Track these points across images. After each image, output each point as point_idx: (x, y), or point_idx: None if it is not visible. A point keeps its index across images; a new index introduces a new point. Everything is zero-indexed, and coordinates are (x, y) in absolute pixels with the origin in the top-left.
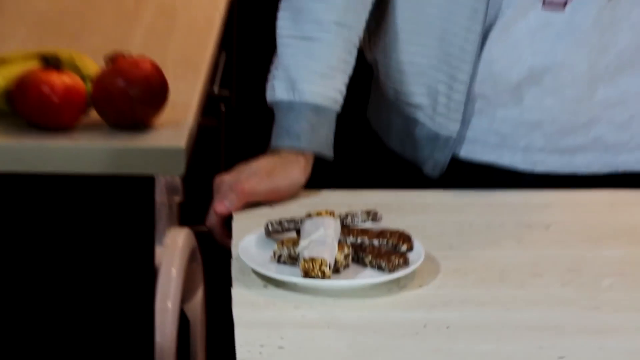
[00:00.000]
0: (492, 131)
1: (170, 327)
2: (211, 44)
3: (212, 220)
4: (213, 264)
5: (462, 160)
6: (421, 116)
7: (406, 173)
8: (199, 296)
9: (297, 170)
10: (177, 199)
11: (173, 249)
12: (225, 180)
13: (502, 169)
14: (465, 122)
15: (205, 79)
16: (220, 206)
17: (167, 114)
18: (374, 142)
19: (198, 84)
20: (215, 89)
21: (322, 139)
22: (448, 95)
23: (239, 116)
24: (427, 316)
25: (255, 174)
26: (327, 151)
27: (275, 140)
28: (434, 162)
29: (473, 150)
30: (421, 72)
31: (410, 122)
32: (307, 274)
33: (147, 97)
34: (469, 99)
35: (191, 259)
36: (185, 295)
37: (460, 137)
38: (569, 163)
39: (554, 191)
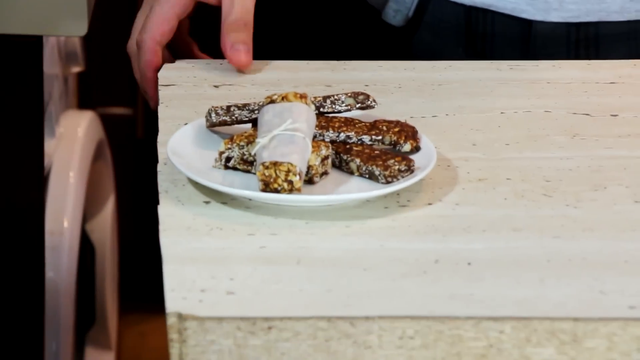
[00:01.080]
0: None
1: (66, 256)
2: None
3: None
4: (129, 163)
5: (440, 2)
6: None
7: (364, 19)
8: (107, 211)
9: None
10: (76, 69)
11: (70, 142)
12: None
13: (500, 16)
14: None
15: None
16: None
17: None
18: None
19: None
20: None
21: None
22: None
23: None
24: (440, 247)
25: None
26: None
27: None
28: (397, 2)
29: None
30: None
31: None
32: (267, 186)
33: None
34: None
35: (97, 157)
36: (89, 210)
37: None
38: (595, 8)
39: (620, 62)
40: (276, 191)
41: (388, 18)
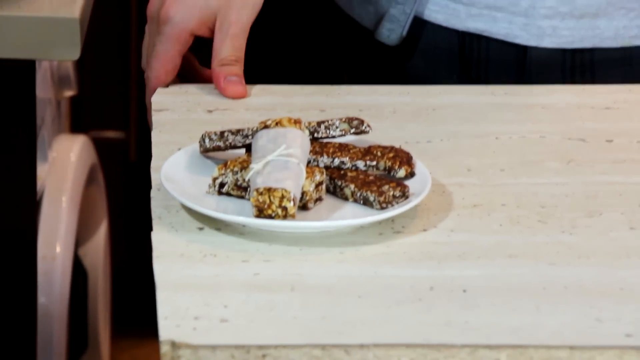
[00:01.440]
0: None
1: (59, 281)
2: None
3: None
4: (122, 187)
5: (433, 27)
6: None
7: (357, 40)
8: (100, 236)
9: None
10: (69, 93)
11: (63, 166)
12: (150, 12)
13: (494, 42)
14: None
15: None
16: (154, 61)
17: None
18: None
19: None
20: None
21: None
22: None
23: None
24: (435, 274)
25: None
26: None
27: None
28: (390, 21)
29: (447, 16)
30: None
31: None
32: (261, 212)
33: None
34: None
35: (89, 182)
36: (81, 234)
37: None
38: (589, 33)
39: (615, 87)
40: (270, 217)
41: (382, 37)
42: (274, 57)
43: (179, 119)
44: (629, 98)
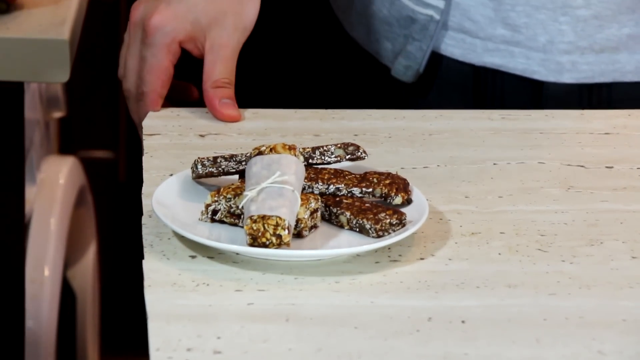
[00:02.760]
0: (496, 20)
1: (47, 305)
2: None
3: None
4: (111, 208)
5: (449, 61)
6: None
7: (372, 75)
8: (89, 258)
9: None
10: (58, 114)
11: (51, 188)
12: (135, 20)
13: (511, 77)
14: (451, 3)
15: None
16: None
17: None
18: (337, 34)
19: None
20: None
21: None
22: None
23: None
24: (433, 304)
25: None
26: None
27: None
28: (407, 58)
29: (464, 51)
30: None
31: None
32: (255, 240)
33: None
34: None
35: (78, 203)
36: (70, 256)
37: (446, 28)
38: (609, 68)
39: (614, 112)
40: (264, 246)
41: (398, 74)
42: (282, 83)
43: (171, 144)
44: (628, 123)
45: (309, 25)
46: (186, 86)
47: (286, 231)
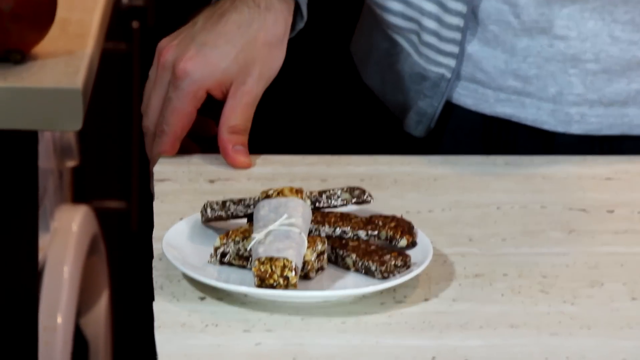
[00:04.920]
0: (507, 71)
1: (59, 352)
2: None
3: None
4: (124, 257)
5: (461, 111)
6: (404, 42)
7: (385, 127)
8: (101, 306)
9: (280, 24)
10: (71, 163)
11: (65, 236)
12: (164, 61)
13: (522, 128)
14: (464, 55)
15: None
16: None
17: (54, 39)
18: (354, 82)
19: None
20: None
21: None
22: (438, 17)
23: (159, 36)
24: (437, 344)
25: (208, 41)
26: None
27: None
28: (418, 113)
29: (476, 101)
30: None
31: (393, 48)
32: (263, 282)
33: (25, 13)
34: (469, 22)
35: (91, 252)
36: (83, 304)
37: (458, 78)
38: (618, 120)
39: (615, 158)
40: (272, 287)
41: (410, 129)
42: (297, 126)
43: (181, 189)
44: (629, 169)
45: (326, 70)
46: (206, 121)
47: (293, 273)
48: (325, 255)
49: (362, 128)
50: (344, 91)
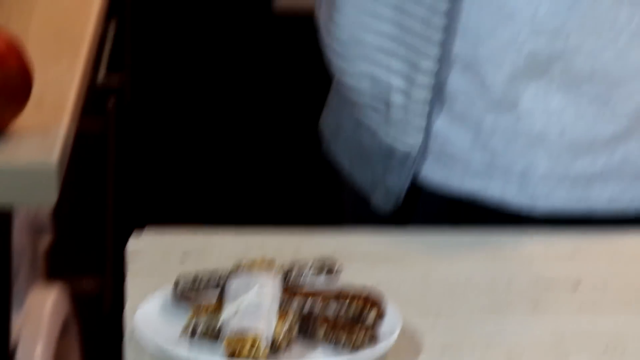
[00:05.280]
0: (475, 148)
1: None
2: (94, 10)
3: None
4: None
5: (427, 189)
6: (371, 121)
7: (354, 204)
8: None
9: None
10: (45, 240)
11: (38, 317)
12: None
13: (488, 205)
14: (431, 132)
15: (85, 62)
16: None
17: (30, 116)
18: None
19: (76, 69)
20: (101, 75)
21: None
22: (406, 92)
23: (135, 115)
24: None
25: None
26: None
27: None
28: (386, 189)
29: (443, 175)
30: (367, 56)
31: (360, 127)
32: (233, 356)
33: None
34: (437, 97)
35: (63, 333)
36: None
37: (425, 155)
38: (583, 197)
39: (580, 235)
40: None
41: (376, 204)
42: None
43: (154, 265)
44: (594, 245)
45: (298, 147)
46: None
47: (263, 347)
48: (296, 329)
49: (332, 202)
50: (313, 166)
